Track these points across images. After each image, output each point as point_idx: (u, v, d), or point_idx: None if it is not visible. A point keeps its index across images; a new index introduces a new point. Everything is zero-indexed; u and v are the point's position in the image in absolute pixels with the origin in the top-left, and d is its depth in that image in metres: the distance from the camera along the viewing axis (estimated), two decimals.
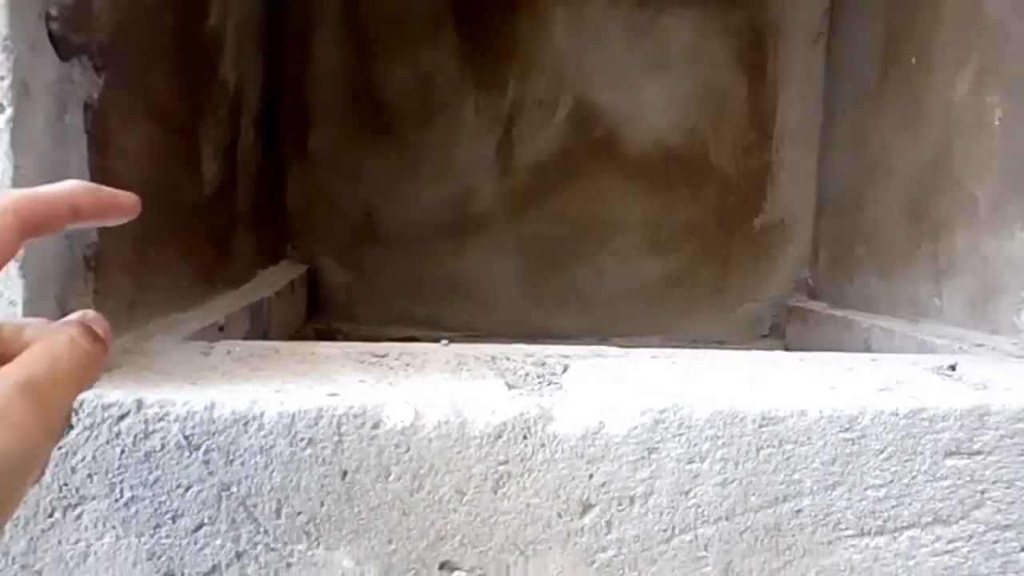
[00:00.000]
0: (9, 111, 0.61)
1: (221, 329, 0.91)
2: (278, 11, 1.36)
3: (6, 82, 0.61)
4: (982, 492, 0.64)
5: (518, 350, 0.78)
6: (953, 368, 0.74)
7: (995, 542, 0.65)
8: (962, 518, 0.64)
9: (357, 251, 1.49)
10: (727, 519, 0.63)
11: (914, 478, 0.63)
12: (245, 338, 1.04)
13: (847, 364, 0.75)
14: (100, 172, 0.73)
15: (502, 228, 1.50)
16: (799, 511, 0.63)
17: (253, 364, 0.70)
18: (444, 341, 0.80)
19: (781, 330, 1.51)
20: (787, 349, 1.44)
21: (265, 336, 1.12)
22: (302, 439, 0.61)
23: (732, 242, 1.50)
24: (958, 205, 1.00)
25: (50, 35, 0.66)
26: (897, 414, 0.63)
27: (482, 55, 1.47)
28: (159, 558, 0.62)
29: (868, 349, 1.13)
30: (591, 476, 0.62)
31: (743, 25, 1.47)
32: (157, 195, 0.87)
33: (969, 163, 0.99)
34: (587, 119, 1.48)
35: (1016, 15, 0.91)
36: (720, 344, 1.44)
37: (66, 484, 0.61)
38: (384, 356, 0.75)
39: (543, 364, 0.74)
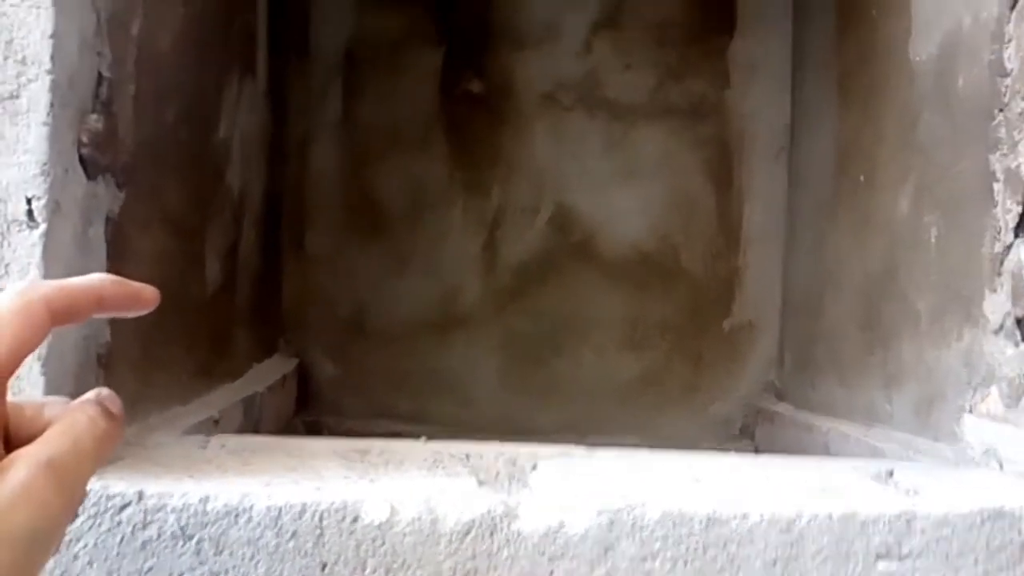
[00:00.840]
0: (43, 227, 0.68)
1: (216, 423, 0.97)
2: (280, 121, 1.46)
3: (42, 202, 0.68)
4: None
5: (491, 448, 0.84)
6: (891, 474, 0.80)
7: None
8: None
9: (346, 346, 1.56)
10: None
11: None
12: (239, 430, 1.10)
13: (791, 465, 0.81)
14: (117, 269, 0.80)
15: (486, 324, 1.58)
16: None
17: (245, 457, 0.76)
18: (423, 439, 0.86)
19: (751, 431, 1.57)
20: (757, 450, 1.50)
21: (257, 428, 1.17)
22: (287, 531, 0.66)
23: (703, 342, 1.58)
24: (904, 315, 1.08)
25: (80, 158, 0.74)
26: (831, 518, 0.69)
27: (469, 162, 1.58)
28: None
29: (827, 452, 1.18)
30: (551, 572, 0.67)
31: (710, 138, 1.58)
32: (165, 295, 0.94)
33: (911, 276, 1.06)
34: (567, 223, 1.58)
35: (945, 138, 1.00)
36: (692, 444, 1.50)
37: (66, 571, 0.66)
38: (366, 453, 0.81)
39: (514, 463, 0.80)
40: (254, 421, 1.15)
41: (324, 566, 0.66)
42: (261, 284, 1.33)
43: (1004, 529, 0.70)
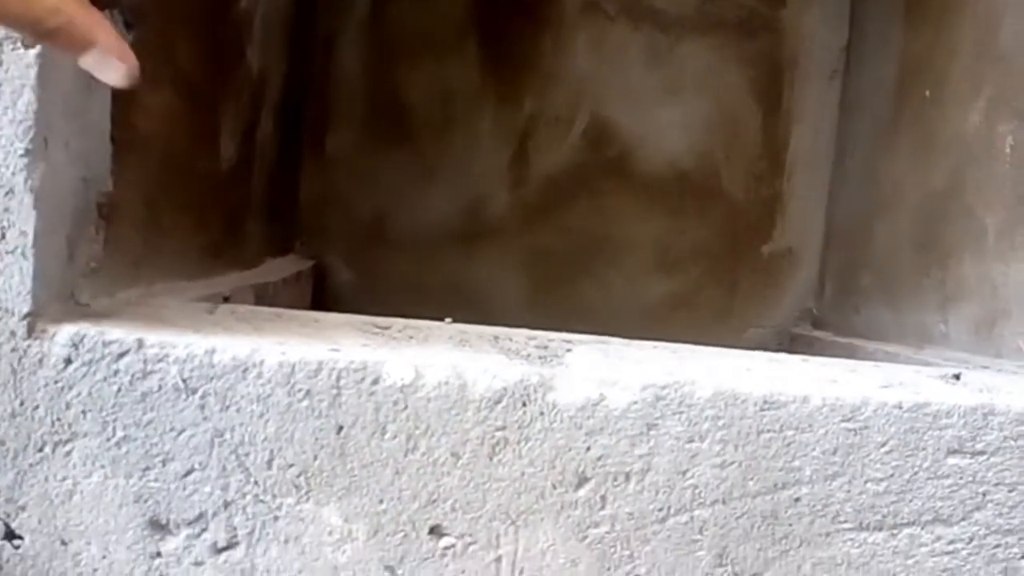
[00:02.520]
0: (39, 47, 0.61)
1: (226, 300, 0.91)
2: (306, 12, 1.38)
3: None
4: (984, 494, 0.63)
5: (521, 333, 0.78)
6: (957, 377, 0.74)
7: (996, 547, 0.64)
8: (963, 519, 0.63)
9: (365, 252, 1.49)
10: (724, 502, 0.62)
11: (915, 474, 0.62)
12: None
13: (850, 366, 0.74)
14: (122, 125, 0.74)
15: (512, 240, 1.51)
16: (797, 500, 0.62)
17: (256, 324, 0.70)
18: (448, 319, 0.80)
19: None
20: None
21: None
22: (300, 390, 0.60)
23: (740, 267, 1.50)
24: (967, 233, 1.01)
25: None
26: (900, 407, 0.62)
27: (502, 69, 1.50)
28: (146, 501, 0.61)
29: None
30: (588, 448, 0.61)
31: (760, 57, 1.49)
32: (174, 160, 0.88)
33: (979, 192, 0.99)
34: (602, 137, 1.50)
35: None
36: None
37: (59, 419, 0.60)
38: (387, 328, 0.75)
39: (545, 347, 0.74)
40: None
41: (340, 428, 0.60)
42: (277, 177, 1.26)
43: None
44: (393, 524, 0.61)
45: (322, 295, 1.47)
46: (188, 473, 0.61)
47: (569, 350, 0.72)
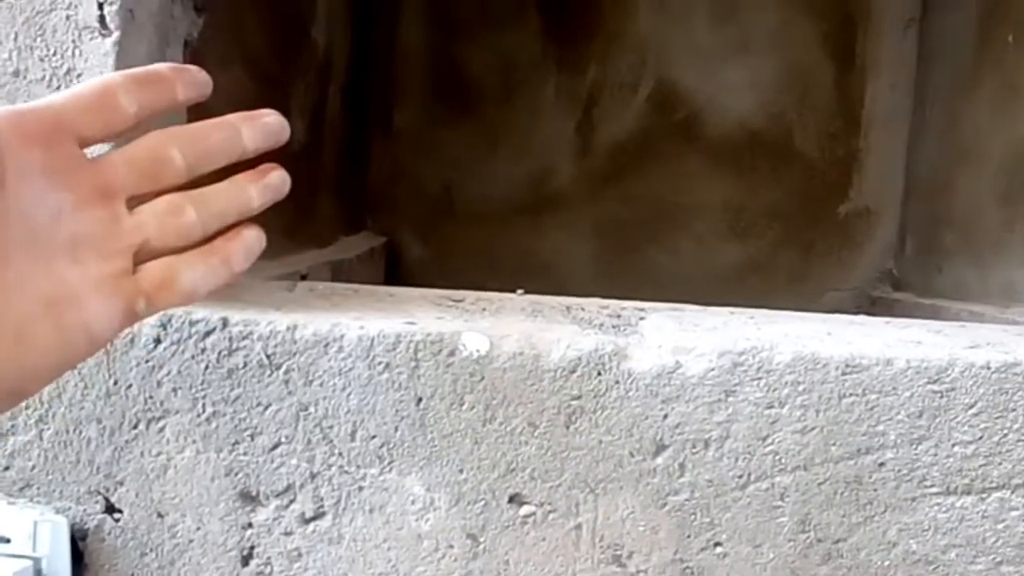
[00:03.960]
0: (116, 35, 0.63)
1: (303, 278, 0.93)
2: None
3: (114, 7, 0.63)
4: None
5: (593, 302, 0.78)
6: None
7: None
8: None
9: (435, 226, 1.51)
10: (805, 469, 0.61)
11: (1005, 436, 0.60)
12: None
13: (935, 327, 0.72)
14: (196, 108, 0.75)
15: (579, 208, 1.50)
16: (882, 464, 0.61)
17: (335, 300, 0.72)
18: (520, 291, 0.80)
19: None
20: None
21: None
22: (380, 363, 0.61)
23: (815, 229, 1.47)
24: None
25: None
26: (989, 368, 0.60)
27: (564, 36, 1.48)
28: (236, 475, 0.63)
29: None
30: (665, 416, 0.61)
31: (832, 9, 1.44)
32: None
33: None
34: (668, 101, 1.47)
35: None
36: None
37: (151, 397, 0.63)
38: (461, 301, 0.75)
39: (618, 316, 0.73)
40: None
41: (419, 400, 0.62)
42: (347, 154, 1.28)
43: None
44: (474, 493, 0.62)
45: (395, 270, 1.49)
46: (275, 447, 0.63)
47: (643, 318, 0.71)
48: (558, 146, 1.49)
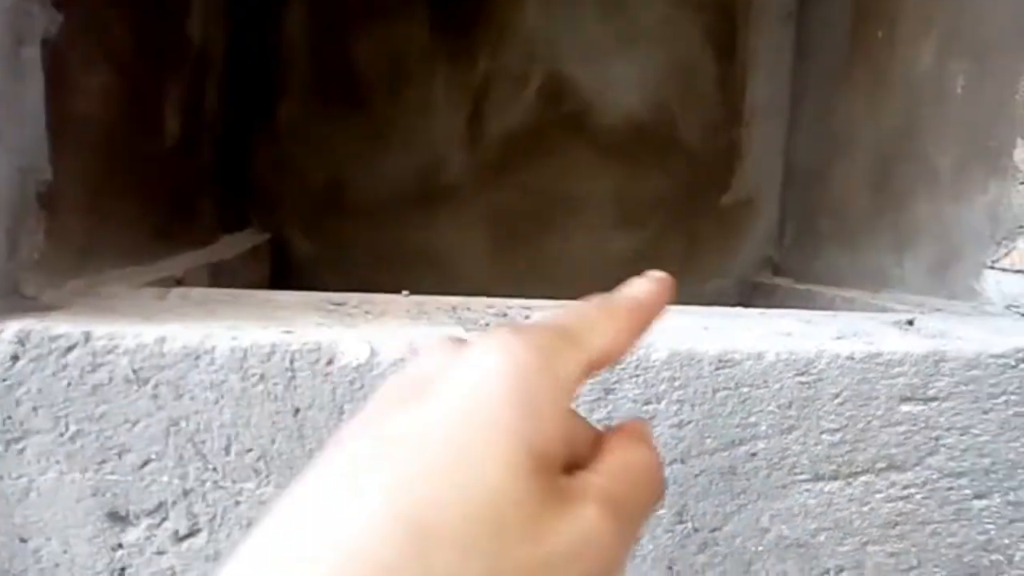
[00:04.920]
0: None
1: (179, 282, 0.90)
2: None
3: None
4: (936, 439, 0.64)
5: (480, 301, 0.78)
6: (911, 323, 0.75)
7: (949, 489, 0.65)
8: (916, 464, 0.64)
9: (322, 221, 1.48)
10: (683, 461, 0.63)
11: (869, 423, 0.63)
12: None
13: (805, 317, 0.75)
14: (58, 111, 0.72)
15: (471, 200, 1.49)
16: (754, 454, 0.63)
17: (209, 307, 0.69)
18: (405, 292, 0.79)
19: (748, 306, 1.51)
20: None
21: None
22: (254, 374, 0.60)
23: (699, 218, 1.50)
24: (921, 174, 1.01)
25: None
26: (853, 358, 0.63)
27: (453, 28, 1.47)
28: (104, 494, 0.60)
29: None
30: None
31: (713, 2, 1.47)
32: (115, 142, 0.86)
33: (932, 132, 1.00)
34: (558, 93, 1.48)
35: None
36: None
37: (10, 417, 0.59)
38: (343, 304, 0.74)
39: (504, 315, 0.74)
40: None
41: (297, 411, 0.60)
42: (228, 151, 1.24)
43: None
44: None
45: (284, 268, 1.46)
46: (145, 464, 0.60)
47: (528, 316, 0.72)
48: (449, 138, 1.48)
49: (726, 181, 1.51)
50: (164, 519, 0.61)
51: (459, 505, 0.25)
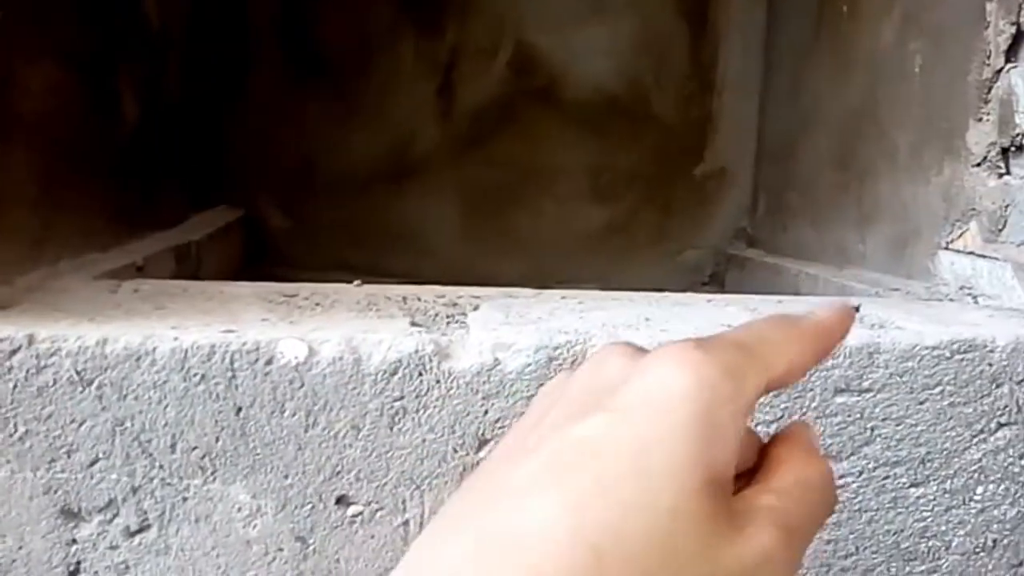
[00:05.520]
0: None
1: (140, 269, 0.90)
2: None
3: None
4: (872, 429, 0.66)
5: (430, 291, 0.79)
6: (857, 309, 0.75)
7: (885, 478, 0.67)
8: (852, 454, 0.66)
9: (295, 196, 1.48)
10: None
11: (804, 414, 0.65)
12: (172, 279, 1.03)
13: (751, 305, 0.76)
14: (3, 111, 0.71)
15: (442, 174, 1.49)
16: None
17: (158, 302, 0.70)
18: (357, 282, 0.80)
19: (721, 278, 1.53)
20: None
21: (196, 278, 1.11)
22: (195, 375, 0.61)
23: (673, 190, 1.50)
24: (881, 151, 1.01)
25: None
26: None
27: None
28: (56, 492, 0.62)
29: (797, 294, 1.14)
30: (486, 412, 0.63)
31: None
32: (68, 133, 0.86)
33: (892, 111, 0.99)
34: (528, 65, 1.47)
35: None
36: (660, 291, 1.46)
37: None
38: (293, 296, 0.75)
39: (454, 304, 0.74)
40: (191, 272, 1.08)
41: (239, 410, 0.61)
42: (194, 130, 1.23)
43: (974, 362, 0.66)
44: (300, 497, 0.63)
45: (258, 244, 1.46)
46: (94, 462, 0.62)
47: (476, 307, 0.72)
48: (419, 112, 1.47)
49: (700, 153, 1.50)
50: (115, 515, 0.62)
51: (638, 530, 0.25)
